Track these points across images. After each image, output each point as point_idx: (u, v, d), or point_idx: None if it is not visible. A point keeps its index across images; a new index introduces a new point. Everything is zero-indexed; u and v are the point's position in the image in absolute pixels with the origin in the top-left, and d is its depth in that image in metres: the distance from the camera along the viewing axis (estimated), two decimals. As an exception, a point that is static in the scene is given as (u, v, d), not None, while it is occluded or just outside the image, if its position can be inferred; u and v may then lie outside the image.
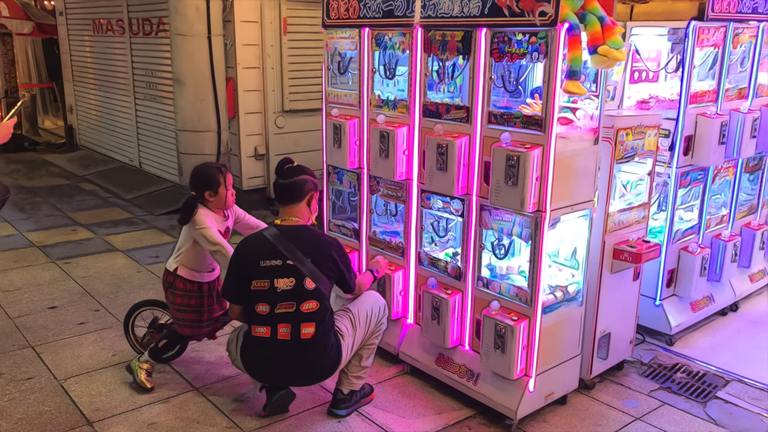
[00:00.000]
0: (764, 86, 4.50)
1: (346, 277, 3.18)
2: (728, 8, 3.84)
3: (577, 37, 2.77)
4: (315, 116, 6.84)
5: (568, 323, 3.36)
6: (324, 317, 3.08)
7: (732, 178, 4.51)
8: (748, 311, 4.75)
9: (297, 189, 3.12)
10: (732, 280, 4.65)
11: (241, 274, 3.06)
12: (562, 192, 3.04)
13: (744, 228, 4.69)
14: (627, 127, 3.37)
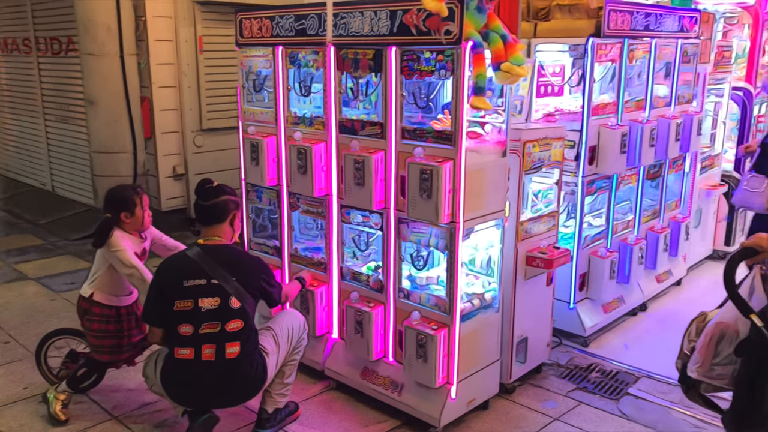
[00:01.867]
0: (660, 98, 4.81)
1: (272, 293, 3.18)
2: (622, 26, 4.09)
3: (481, 55, 2.89)
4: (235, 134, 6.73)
5: (486, 330, 3.47)
6: (249, 336, 3.05)
7: (635, 185, 4.78)
8: (656, 311, 5.02)
9: (219, 210, 3.10)
10: (640, 282, 4.91)
11: (163, 296, 2.99)
12: (474, 203, 3.15)
13: (649, 232, 4.97)
14: (533, 139, 3.54)
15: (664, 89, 4.86)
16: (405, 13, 3.02)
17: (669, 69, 4.83)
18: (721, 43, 5.57)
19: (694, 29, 4.97)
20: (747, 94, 5.86)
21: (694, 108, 5.20)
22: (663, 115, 4.75)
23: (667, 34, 4.63)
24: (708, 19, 5.48)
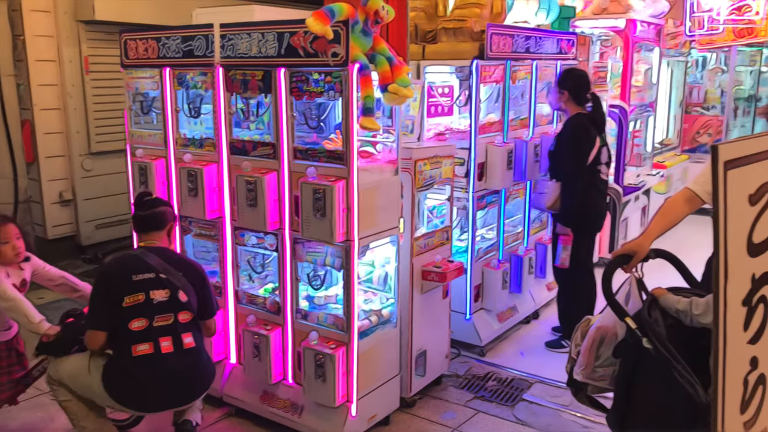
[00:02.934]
0: (543, 116, 5.08)
1: (211, 299, 3.13)
2: (504, 48, 4.31)
3: (368, 77, 2.96)
4: (126, 157, 6.53)
5: (385, 345, 3.51)
6: (198, 329, 3.05)
7: (523, 199, 5.01)
8: (548, 317, 5.26)
9: (158, 219, 3.10)
10: (532, 291, 5.14)
11: (111, 294, 2.91)
12: (368, 221, 3.20)
13: (538, 243, 5.21)
14: (424, 157, 3.64)
15: (546, 108, 5.14)
16: (292, 35, 3.04)
17: (550, 88, 5.11)
18: (597, 64, 5.97)
19: (571, 51, 5.30)
20: (622, 112, 6.30)
21: (574, 126, 5.51)
22: (546, 133, 5.01)
23: (547, 56, 4.92)
24: (585, 42, 5.87)
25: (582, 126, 4.23)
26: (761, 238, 1.02)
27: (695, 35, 7.41)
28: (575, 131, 4.23)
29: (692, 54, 8.80)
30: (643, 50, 6.78)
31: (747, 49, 8.80)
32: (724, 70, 8.75)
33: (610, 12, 6.20)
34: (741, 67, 9.18)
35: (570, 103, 4.31)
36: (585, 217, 4.33)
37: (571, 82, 4.32)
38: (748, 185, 0.97)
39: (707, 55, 9.20)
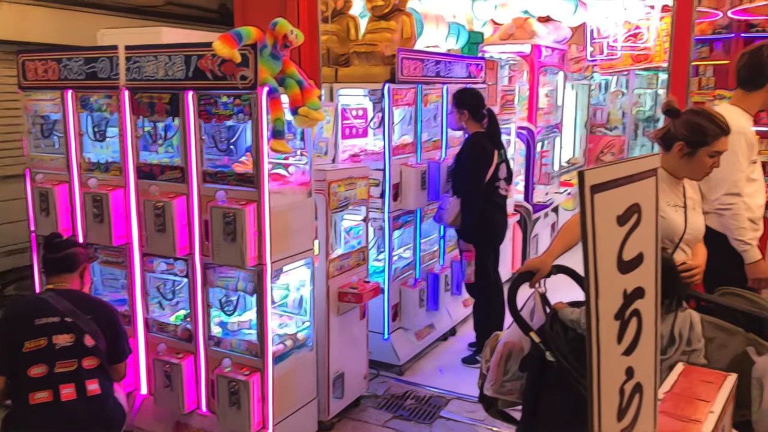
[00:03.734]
0: (455, 138, 5.22)
1: (121, 342, 2.96)
2: (415, 72, 4.42)
3: (278, 100, 2.97)
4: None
5: (301, 369, 3.48)
6: (105, 375, 2.87)
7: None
8: (465, 333, 5.36)
9: (69, 260, 2.95)
10: (449, 308, 5.23)
11: (10, 338, 2.73)
12: (281, 244, 3.18)
13: (453, 260, 5.32)
14: (338, 179, 3.67)
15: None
16: (200, 58, 3.01)
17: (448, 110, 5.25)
18: (504, 88, 6.20)
19: (480, 75, 5.49)
20: (530, 133, 6.56)
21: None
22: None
23: (457, 80, 5.07)
24: (493, 66, 6.09)
25: (480, 144, 4.38)
26: (631, 255, 1.10)
27: (596, 60, 7.84)
28: (474, 149, 4.37)
29: (595, 77, 9.30)
30: (548, 74, 7.10)
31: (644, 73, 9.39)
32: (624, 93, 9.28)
33: (516, 38, 6.48)
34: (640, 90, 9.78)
35: (470, 121, 4.45)
36: (485, 233, 4.48)
37: (470, 101, 4.44)
38: (615, 207, 1.04)
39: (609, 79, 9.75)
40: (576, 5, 6.34)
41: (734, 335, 2.49)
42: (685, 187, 2.76)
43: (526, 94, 6.70)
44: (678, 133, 2.63)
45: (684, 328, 2.32)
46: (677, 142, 2.63)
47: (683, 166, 2.67)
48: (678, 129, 2.63)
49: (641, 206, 1.12)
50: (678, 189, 2.73)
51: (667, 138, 2.68)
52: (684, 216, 2.69)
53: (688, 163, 2.66)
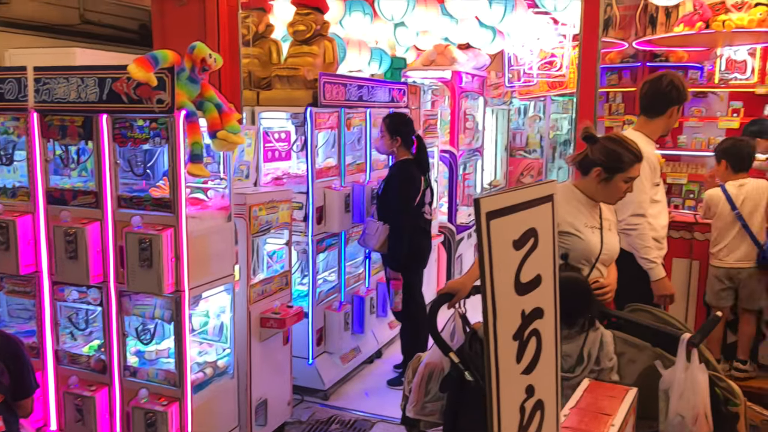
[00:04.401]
0: (379, 161, 5.29)
1: (27, 377, 2.74)
2: (338, 96, 4.46)
3: (196, 123, 2.93)
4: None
5: (221, 398, 3.40)
6: (10, 411, 2.66)
7: (363, 241, 5.14)
8: (391, 356, 5.39)
9: None
10: (374, 330, 5.25)
11: None
12: (200, 270, 3.12)
13: (379, 282, 5.35)
14: (259, 203, 3.64)
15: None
16: (114, 80, 2.95)
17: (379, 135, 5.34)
18: (427, 112, 6.35)
19: (403, 100, 5.60)
20: (452, 156, 6.72)
21: (409, 169, 5.80)
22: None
23: (380, 104, 5.15)
24: (416, 91, 6.23)
25: (409, 171, 4.45)
26: (529, 277, 1.15)
27: (515, 86, 8.13)
28: (404, 176, 4.44)
29: (514, 103, 9.65)
30: (469, 99, 7.32)
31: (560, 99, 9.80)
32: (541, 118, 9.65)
33: (438, 64, 6.65)
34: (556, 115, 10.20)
35: (401, 148, 4.52)
36: (413, 259, 4.54)
37: (404, 127, 4.52)
38: (511, 232, 1.09)
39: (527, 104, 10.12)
40: (494, 34, 6.58)
41: (642, 350, 2.61)
42: (602, 209, 2.89)
43: (448, 118, 6.88)
44: (596, 159, 2.75)
45: (593, 348, 2.42)
46: (595, 167, 2.75)
47: (600, 190, 2.80)
48: (595, 155, 2.76)
49: (538, 230, 1.17)
50: (595, 211, 2.85)
51: (585, 163, 2.80)
52: (600, 237, 2.81)
53: (605, 188, 2.78)
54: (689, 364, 2.37)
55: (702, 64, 7.31)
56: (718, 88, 7.25)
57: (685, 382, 2.36)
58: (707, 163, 7.39)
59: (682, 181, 7.27)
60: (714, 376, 2.48)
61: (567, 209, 2.77)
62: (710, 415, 2.35)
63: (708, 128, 7.39)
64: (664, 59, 7.27)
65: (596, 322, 2.51)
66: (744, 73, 7.19)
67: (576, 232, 2.75)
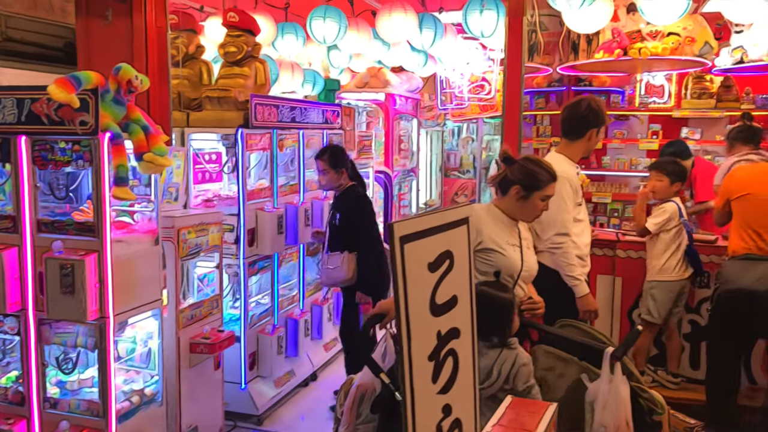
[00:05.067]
0: (313, 182, 5.29)
1: None
2: (270, 117, 4.45)
3: (121, 146, 2.87)
4: None
5: (149, 426, 3.30)
6: None
7: (297, 262, 5.12)
8: (326, 378, 5.35)
9: None
10: (309, 353, 5.20)
11: None
12: (126, 295, 3.04)
13: (313, 304, 5.33)
14: (188, 225, 3.58)
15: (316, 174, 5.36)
16: (34, 101, 2.86)
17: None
18: (361, 133, 6.41)
19: (337, 121, 5.63)
20: (387, 177, 6.80)
21: (344, 190, 5.82)
22: (317, 197, 5.22)
23: (313, 125, 5.17)
24: (350, 113, 6.28)
25: (365, 195, 4.43)
26: (445, 298, 1.18)
27: (447, 109, 8.31)
28: (363, 201, 4.36)
29: (447, 125, 9.83)
30: (403, 121, 7.44)
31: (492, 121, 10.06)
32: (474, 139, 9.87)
33: (372, 86, 6.74)
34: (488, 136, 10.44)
35: (346, 177, 4.36)
36: (382, 281, 4.45)
37: (342, 156, 4.35)
38: (426, 255, 1.12)
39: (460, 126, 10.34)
40: (426, 58, 6.73)
41: (570, 364, 2.70)
42: (520, 228, 3.00)
43: (382, 139, 6.96)
44: (514, 179, 2.86)
45: (505, 365, 2.47)
46: (514, 186, 2.86)
47: (519, 208, 2.91)
48: (514, 174, 2.87)
49: (453, 253, 1.21)
50: (514, 229, 2.95)
51: (504, 183, 2.91)
52: (521, 254, 2.91)
53: (523, 206, 2.90)
54: (613, 376, 2.47)
55: (623, 89, 7.67)
56: (639, 112, 7.62)
57: (609, 394, 2.45)
58: (630, 183, 7.73)
59: (607, 200, 7.57)
60: (637, 388, 2.58)
61: (490, 227, 2.86)
62: (632, 424, 2.45)
63: (630, 150, 7.73)
64: (588, 84, 7.58)
65: (515, 343, 2.56)
66: (662, 97, 7.59)
67: (500, 250, 2.83)
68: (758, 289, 3.55)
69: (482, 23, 4.78)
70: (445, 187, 9.79)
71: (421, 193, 8.89)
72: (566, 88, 7.60)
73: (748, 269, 3.62)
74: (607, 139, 7.64)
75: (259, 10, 5.47)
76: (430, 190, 9.44)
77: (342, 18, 5.36)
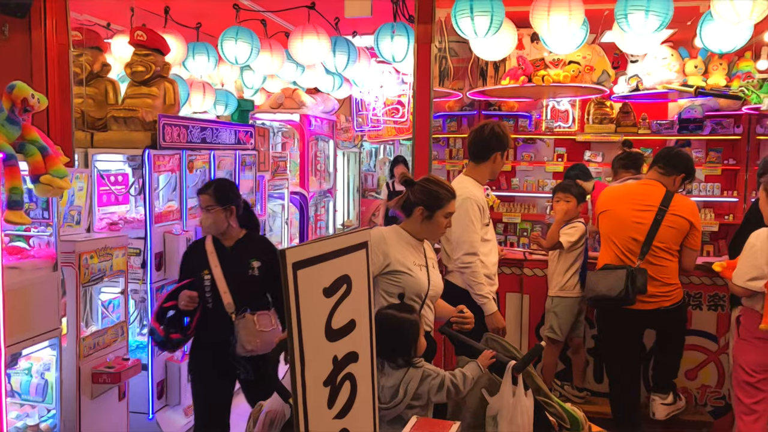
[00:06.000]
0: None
1: None
2: (179, 138, 4.35)
3: (16, 167, 2.73)
4: None
5: (45, 464, 3.12)
6: None
7: (209, 286, 4.99)
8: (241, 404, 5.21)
9: None
10: (221, 379, 5.06)
11: None
12: (19, 325, 2.87)
13: (226, 329, 5.20)
14: (91, 250, 3.44)
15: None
16: None
17: (230, 177, 5.27)
18: (275, 154, 6.37)
19: (250, 142, 5.57)
20: (303, 198, 6.77)
21: (258, 211, 5.76)
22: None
23: (225, 146, 5.09)
24: (264, 133, 6.23)
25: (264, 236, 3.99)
26: (342, 323, 1.19)
27: (364, 130, 8.39)
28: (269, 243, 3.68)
29: (365, 146, 9.94)
30: (319, 142, 7.45)
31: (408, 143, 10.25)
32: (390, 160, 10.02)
33: (286, 107, 6.72)
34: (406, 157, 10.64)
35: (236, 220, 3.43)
36: None
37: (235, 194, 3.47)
38: (321, 281, 1.13)
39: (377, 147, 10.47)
40: (341, 80, 6.79)
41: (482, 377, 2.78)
42: (425, 248, 3.07)
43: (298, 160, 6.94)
44: (416, 200, 2.93)
45: (412, 384, 2.52)
46: (417, 207, 2.93)
47: (424, 228, 2.97)
48: (416, 196, 2.94)
49: (351, 277, 1.22)
50: (420, 250, 3.02)
51: (407, 205, 2.97)
52: (427, 274, 2.97)
53: (428, 226, 2.97)
54: (516, 388, 2.55)
55: (530, 114, 8.00)
56: (545, 135, 7.97)
57: (514, 408, 2.54)
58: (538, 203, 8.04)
59: (517, 220, 7.83)
60: (544, 402, 2.68)
61: (398, 249, 2.90)
62: (534, 436, 2.54)
63: (537, 171, 8.05)
64: (498, 108, 7.86)
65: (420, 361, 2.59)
66: (567, 121, 7.97)
67: (407, 271, 2.88)
68: (610, 296, 3.76)
69: (393, 48, 4.88)
70: (363, 208, 9.85)
71: (339, 213, 8.92)
72: (477, 112, 7.84)
73: (605, 278, 3.83)
74: (516, 162, 7.94)
75: (168, 29, 5.35)
76: (348, 211, 9.47)
77: (254, 39, 5.33)
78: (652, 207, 3.76)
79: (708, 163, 7.48)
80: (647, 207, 3.78)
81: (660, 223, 3.73)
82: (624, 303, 3.74)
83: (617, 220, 3.89)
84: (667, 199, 3.76)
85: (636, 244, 3.78)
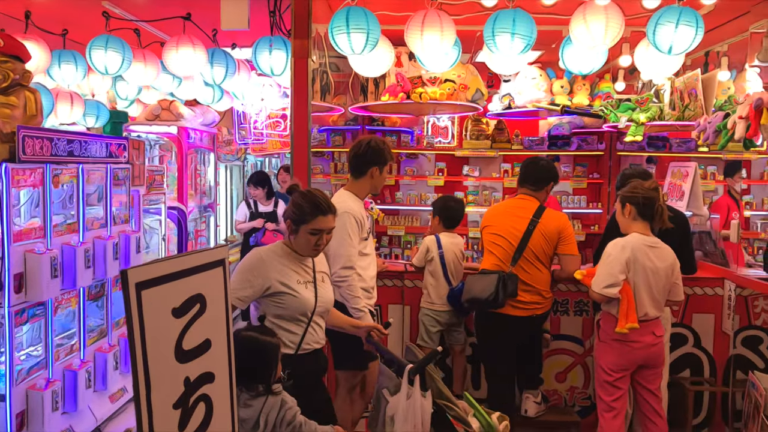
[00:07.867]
0: (96, 219, 4.92)
1: None
2: (42, 151, 4.08)
3: None
4: None
5: None
6: None
7: (77, 308, 4.70)
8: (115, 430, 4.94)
9: None
10: (91, 406, 4.77)
11: None
12: None
13: (97, 352, 4.91)
14: (-64, 273, 3.14)
15: (99, 211, 5.00)
16: None
17: (102, 192, 5.01)
18: (151, 168, 6.12)
19: (123, 155, 5.32)
20: (181, 213, 6.54)
21: (132, 228, 5.50)
22: (100, 236, 4.86)
23: (95, 160, 4.83)
24: (139, 146, 5.97)
25: None
26: (194, 344, 1.17)
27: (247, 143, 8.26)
28: None
29: (249, 159, 9.76)
30: (199, 155, 7.24)
31: (292, 156, 10.19)
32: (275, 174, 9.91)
33: (163, 119, 6.50)
34: (290, 172, 10.56)
35: None
36: None
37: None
38: (170, 301, 1.11)
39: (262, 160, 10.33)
40: (221, 92, 6.65)
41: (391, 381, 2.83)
42: (315, 262, 3.02)
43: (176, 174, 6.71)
44: (285, 213, 2.91)
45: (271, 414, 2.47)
46: (286, 221, 2.90)
47: (295, 243, 2.93)
48: (288, 209, 2.92)
49: (206, 296, 1.20)
50: (307, 265, 2.97)
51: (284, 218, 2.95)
52: (314, 290, 2.94)
53: (296, 240, 2.92)
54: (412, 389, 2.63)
55: (412, 129, 8.21)
56: (426, 151, 8.20)
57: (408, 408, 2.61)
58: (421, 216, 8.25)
59: (401, 233, 7.99)
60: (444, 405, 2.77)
61: (277, 269, 2.86)
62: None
63: (419, 186, 8.28)
64: (381, 123, 8.01)
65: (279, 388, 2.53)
66: (446, 137, 8.26)
67: (289, 291, 2.84)
68: (482, 298, 4.00)
69: (272, 61, 4.85)
70: (247, 223, 9.66)
71: (222, 229, 8.70)
72: (360, 127, 7.95)
73: (480, 281, 4.08)
74: (399, 176, 8.12)
75: (30, 35, 5.03)
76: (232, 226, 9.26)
77: (126, 49, 5.12)
78: (527, 218, 4.03)
79: (575, 177, 8.02)
80: (522, 218, 4.05)
81: (531, 233, 3.99)
82: (494, 306, 3.95)
83: (496, 231, 4.14)
84: (539, 212, 4.05)
85: (511, 249, 4.02)
